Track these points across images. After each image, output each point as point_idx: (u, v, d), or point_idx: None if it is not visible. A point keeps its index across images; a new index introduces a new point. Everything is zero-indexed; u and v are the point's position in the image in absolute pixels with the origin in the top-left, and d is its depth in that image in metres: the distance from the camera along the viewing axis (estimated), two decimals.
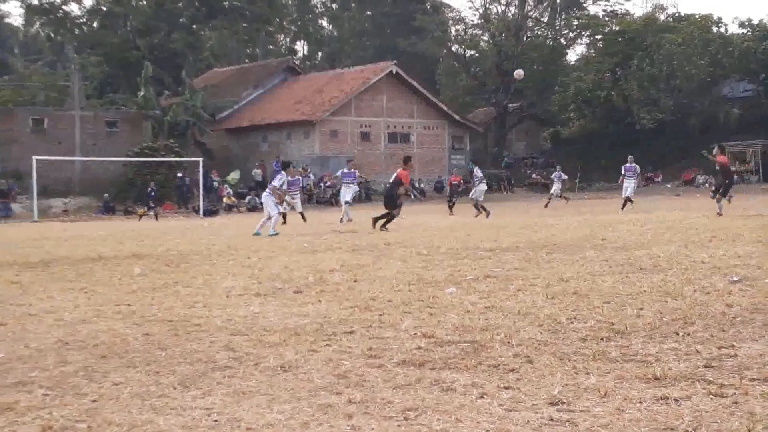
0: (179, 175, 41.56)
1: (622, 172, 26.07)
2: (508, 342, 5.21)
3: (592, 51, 62.67)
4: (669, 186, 47.79)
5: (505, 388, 4.13)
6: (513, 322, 5.92)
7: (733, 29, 57.54)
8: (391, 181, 20.07)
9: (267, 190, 19.44)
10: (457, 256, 11.20)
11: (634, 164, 26.21)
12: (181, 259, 12.32)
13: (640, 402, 3.78)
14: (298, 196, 24.68)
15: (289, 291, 8.11)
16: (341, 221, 22.46)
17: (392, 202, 18.86)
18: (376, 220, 18.48)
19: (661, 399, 3.81)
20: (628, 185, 25.60)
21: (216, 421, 3.77)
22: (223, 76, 57.62)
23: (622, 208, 24.41)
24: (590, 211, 25.04)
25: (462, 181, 26.59)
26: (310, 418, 3.74)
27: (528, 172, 57.01)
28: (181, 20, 53.64)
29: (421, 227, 19.26)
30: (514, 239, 13.73)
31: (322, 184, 45.04)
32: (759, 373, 4.19)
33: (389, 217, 18.53)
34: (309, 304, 7.16)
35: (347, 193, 24.29)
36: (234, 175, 45.96)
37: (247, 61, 68.45)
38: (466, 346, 5.15)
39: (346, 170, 24.08)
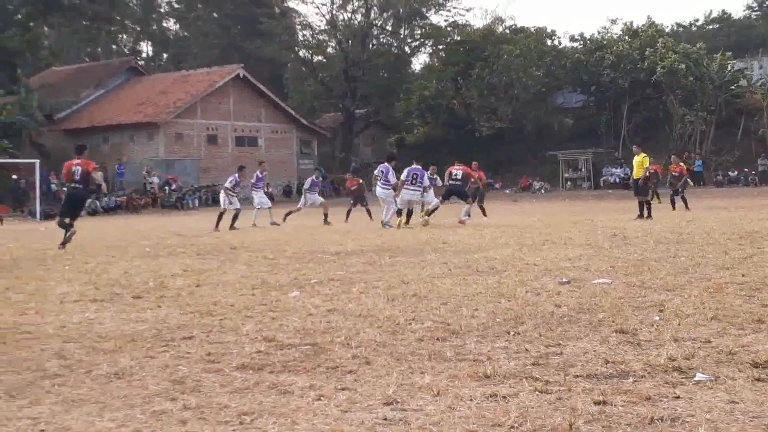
0: (14, 177, 39.61)
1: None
2: (348, 344, 5.28)
3: (435, 60, 64.27)
4: (507, 192, 49.53)
5: (343, 389, 4.18)
6: (354, 324, 6.00)
7: (566, 42, 60.28)
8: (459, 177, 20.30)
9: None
10: (303, 260, 11.23)
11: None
12: (14, 264, 11.77)
13: (471, 399, 3.91)
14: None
15: (128, 296, 7.89)
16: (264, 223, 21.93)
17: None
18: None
19: (491, 396, 3.96)
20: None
21: (43, 430, 3.64)
22: (62, 76, 55.25)
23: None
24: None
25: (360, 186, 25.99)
26: (142, 425, 3.67)
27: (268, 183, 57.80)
28: (17, 17, 51.04)
29: (270, 231, 19.18)
30: (360, 243, 13.89)
31: (167, 188, 43.98)
32: (582, 370, 4.43)
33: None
34: (148, 310, 7.00)
35: (261, 198, 23.28)
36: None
37: (87, 60, 65.97)
38: (307, 349, 5.18)
39: (260, 174, 23.22)
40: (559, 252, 11.21)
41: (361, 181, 26.85)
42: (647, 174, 19.86)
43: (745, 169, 46.00)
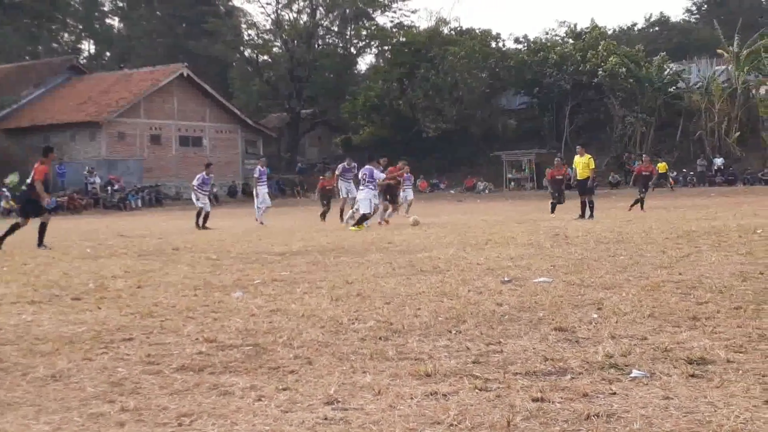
0: None
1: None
2: (290, 344, 5.27)
3: (381, 61, 64.38)
4: (453, 192, 49.83)
5: (284, 389, 4.17)
6: (296, 324, 5.99)
7: (510, 44, 60.93)
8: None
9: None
10: (247, 261, 11.17)
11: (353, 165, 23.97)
12: None
13: (411, 398, 3.94)
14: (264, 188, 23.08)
15: (67, 298, 7.76)
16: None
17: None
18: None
19: (431, 394, 3.99)
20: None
21: None
22: (2, 74, 54.01)
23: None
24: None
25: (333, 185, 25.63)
26: (79, 428, 3.62)
27: (321, 177, 57.59)
28: None
29: (215, 231, 19.01)
30: (305, 243, 13.86)
31: (109, 188, 43.32)
32: (522, 368, 4.48)
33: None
34: (87, 312, 6.89)
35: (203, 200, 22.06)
36: (13, 178, 43.19)
37: (28, 58, 64.62)
38: (248, 350, 5.16)
39: (206, 176, 22.06)
40: (502, 251, 11.32)
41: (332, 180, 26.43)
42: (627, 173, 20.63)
43: (684, 170, 46.92)
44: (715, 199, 31.60)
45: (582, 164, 20.66)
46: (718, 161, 45.36)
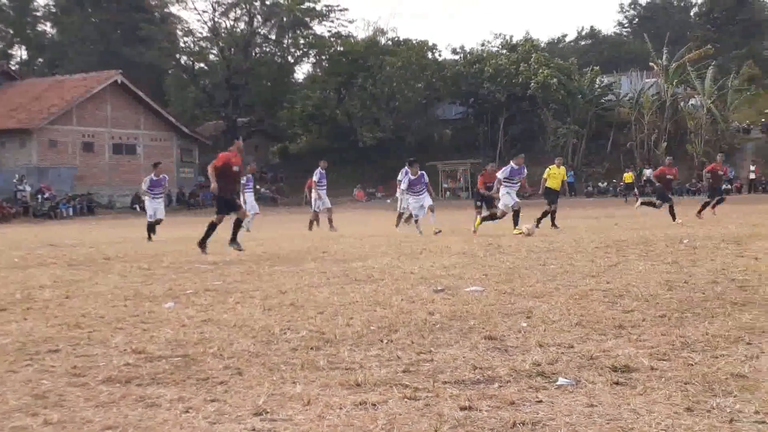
0: None
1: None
2: (221, 355, 5.22)
3: (319, 70, 64.35)
4: (389, 201, 49.96)
5: (212, 400, 4.14)
6: (227, 334, 5.94)
7: (447, 55, 61.53)
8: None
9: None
10: (179, 270, 11.04)
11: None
12: None
13: (341, 408, 3.94)
14: (161, 200, 20.71)
15: None
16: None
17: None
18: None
19: (360, 404, 3.99)
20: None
21: None
22: None
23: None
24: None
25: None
26: None
27: (258, 187, 57.25)
28: None
29: (144, 241, 18.73)
30: (239, 252, 13.74)
31: (40, 196, 42.37)
32: (451, 376, 4.52)
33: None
34: (13, 323, 6.73)
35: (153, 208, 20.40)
36: None
37: None
38: (177, 361, 5.10)
39: (154, 177, 20.33)
40: (436, 260, 11.40)
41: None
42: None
43: (614, 180, 47.86)
44: (644, 208, 32.23)
45: (559, 175, 21.10)
46: (648, 172, 46.37)
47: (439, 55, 59.54)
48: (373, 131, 53.84)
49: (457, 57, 60.18)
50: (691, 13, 78.61)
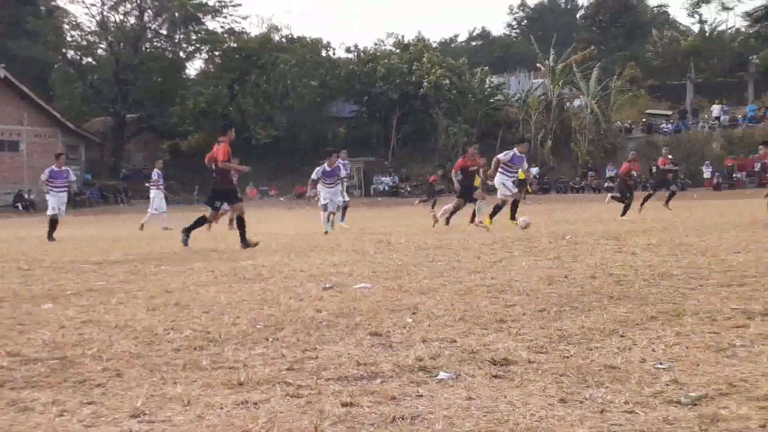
0: None
1: None
2: (100, 356, 5.09)
3: (211, 66, 63.46)
4: (283, 199, 49.75)
5: (88, 403, 4.03)
6: (108, 335, 5.80)
7: (341, 53, 61.65)
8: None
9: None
10: (61, 270, 10.72)
11: None
12: None
13: (221, 407, 3.90)
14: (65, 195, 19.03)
15: None
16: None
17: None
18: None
19: (242, 403, 3.96)
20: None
21: None
22: None
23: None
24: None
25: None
26: None
27: (147, 184, 56.12)
28: None
29: (25, 240, 18.11)
30: (126, 251, 13.44)
31: None
32: (334, 373, 4.53)
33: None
34: None
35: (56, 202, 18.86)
36: None
37: None
38: (54, 363, 4.94)
39: (56, 169, 18.78)
40: (326, 258, 11.41)
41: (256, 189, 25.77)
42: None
43: None
44: (531, 206, 33.11)
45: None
46: (534, 170, 47.58)
47: (333, 54, 59.68)
48: (266, 129, 53.47)
49: (351, 56, 60.42)
50: (578, 16, 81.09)
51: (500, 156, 17.70)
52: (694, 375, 4.21)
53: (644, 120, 54.59)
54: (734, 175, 47.44)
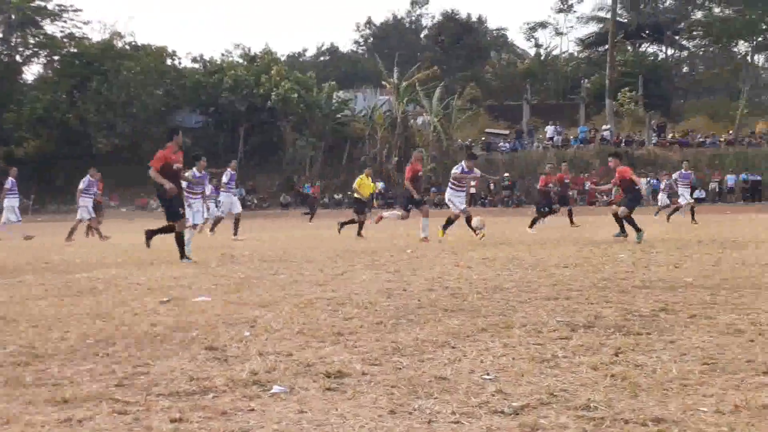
0: None
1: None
2: None
3: (50, 71, 60.92)
4: (124, 210, 48.28)
5: None
6: None
7: (187, 63, 60.57)
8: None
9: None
10: None
11: None
12: None
13: (43, 426, 3.75)
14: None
15: None
16: None
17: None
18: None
19: (65, 421, 3.82)
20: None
21: None
22: None
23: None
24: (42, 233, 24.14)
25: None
26: None
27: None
28: None
29: None
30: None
31: None
32: (166, 389, 4.44)
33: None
34: None
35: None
36: None
37: None
38: None
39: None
40: (166, 271, 11.17)
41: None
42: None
43: (349, 192, 49.35)
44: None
45: (369, 186, 21.43)
46: (380, 185, 48.26)
47: (179, 63, 58.53)
48: (108, 137, 51.75)
49: (197, 65, 59.44)
50: (422, 36, 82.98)
51: (454, 170, 17.63)
52: (518, 385, 4.39)
53: (483, 138, 56.46)
54: (567, 193, 49.60)
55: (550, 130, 55.72)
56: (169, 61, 57.18)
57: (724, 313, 6.56)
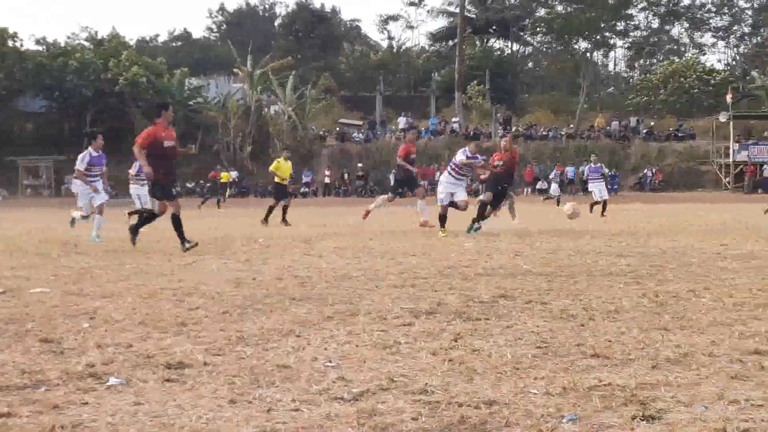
0: None
1: None
2: None
3: None
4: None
5: None
6: None
7: (30, 45, 57.80)
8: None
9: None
10: None
11: None
12: None
13: None
14: None
15: None
16: None
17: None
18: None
19: None
20: None
21: None
22: None
23: None
24: None
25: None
26: None
27: None
28: None
29: None
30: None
31: None
32: None
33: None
34: None
35: None
36: None
37: None
38: None
39: None
40: (4, 260, 10.68)
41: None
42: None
43: (201, 181, 48.62)
44: (232, 209, 33.26)
45: (288, 169, 20.78)
46: (233, 174, 47.69)
47: (21, 45, 55.72)
48: None
49: (40, 48, 56.82)
50: (276, 24, 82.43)
51: (458, 155, 15.63)
52: (359, 372, 4.45)
53: (338, 129, 56.73)
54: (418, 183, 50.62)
55: (401, 121, 56.57)
56: (10, 43, 54.37)
57: (558, 299, 6.88)
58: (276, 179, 20.75)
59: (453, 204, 15.26)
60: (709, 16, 78.55)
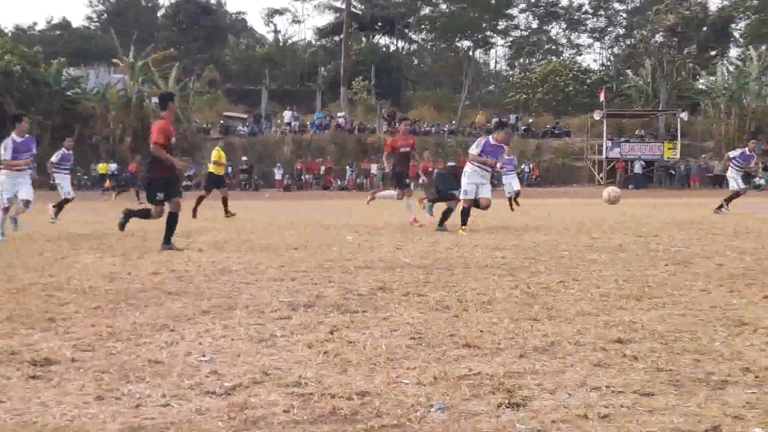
0: None
1: None
2: None
3: None
4: None
5: None
6: None
7: None
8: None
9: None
10: None
11: None
12: None
13: None
14: None
15: None
16: None
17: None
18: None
19: None
20: None
21: None
22: None
23: None
24: None
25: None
26: None
27: None
28: None
29: None
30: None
31: None
32: None
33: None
34: None
35: None
36: None
37: None
38: None
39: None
40: None
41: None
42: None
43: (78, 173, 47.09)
44: (118, 202, 32.36)
45: (223, 158, 20.37)
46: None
47: None
48: None
49: None
50: (159, 15, 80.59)
51: (471, 149, 14.21)
52: (233, 365, 4.42)
53: (222, 122, 55.96)
54: (303, 177, 50.53)
55: (287, 115, 56.26)
56: None
57: (434, 291, 7.00)
58: (211, 168, 20.26)
59: (476, 202, 14.10)
60: (586, 18, 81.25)
